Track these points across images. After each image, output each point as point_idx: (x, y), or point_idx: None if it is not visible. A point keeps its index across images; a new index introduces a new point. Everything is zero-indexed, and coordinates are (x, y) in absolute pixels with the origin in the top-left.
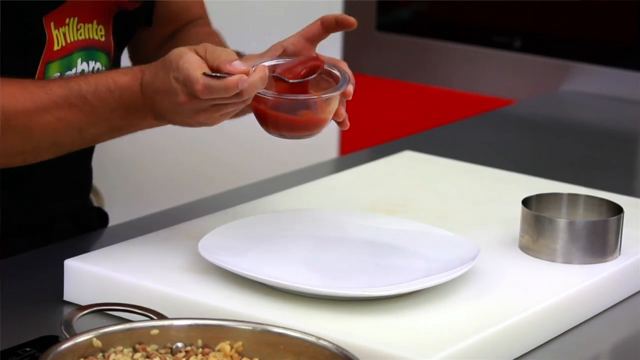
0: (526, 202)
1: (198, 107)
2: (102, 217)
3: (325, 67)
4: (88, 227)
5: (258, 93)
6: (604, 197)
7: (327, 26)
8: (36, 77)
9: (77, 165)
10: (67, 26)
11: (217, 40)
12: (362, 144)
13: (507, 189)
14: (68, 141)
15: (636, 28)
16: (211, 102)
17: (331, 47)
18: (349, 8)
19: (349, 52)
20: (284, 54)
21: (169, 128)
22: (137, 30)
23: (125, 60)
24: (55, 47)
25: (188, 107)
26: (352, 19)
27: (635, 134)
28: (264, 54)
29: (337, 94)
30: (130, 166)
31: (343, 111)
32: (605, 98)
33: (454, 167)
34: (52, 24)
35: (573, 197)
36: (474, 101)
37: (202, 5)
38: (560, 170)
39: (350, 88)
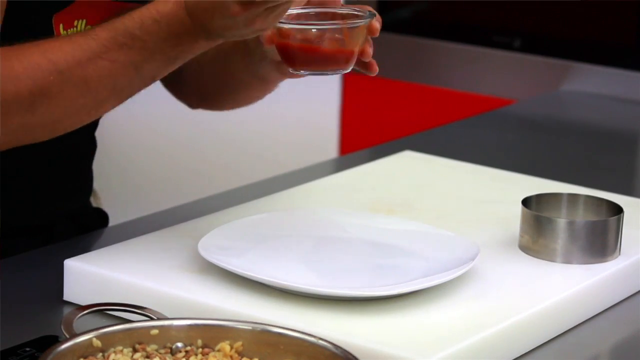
0: (526, 202)
1: (253, 14)
2: (102, 218)
3: (350, 12)
4: (89, 227)
5: (281, 24)
6: (604, 197)
7: None
8: None
9: (79, 166)
10: (75, 28)
11: None
12: (362, 143)
13: (506, 189)
14: (127, 83)
15: (636, 28)
16: (264, 5)
17: None
18: (349, 2)
19: None
20: (310, 3)
21: (167, 128)
22: None
23: None
24: None
25: (243, 17)
26: None
27: (635, 134)
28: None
29: (363, 22)
30: (130, 166)
31: (370, 50)
32: (605, 98)
33: (453, 167)
34: (61, 25)
35: (573, 197)
36: (474, 101)
37: None
38: (560, 170)
39: (377, 24)
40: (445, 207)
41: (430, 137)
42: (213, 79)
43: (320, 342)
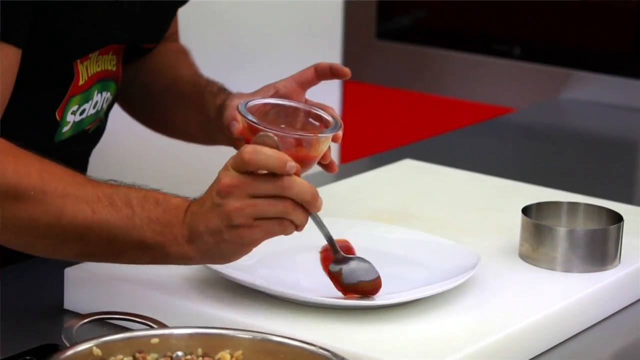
0: (526, 210)
1: (234, 196)
2: None
3: (314, 110)
4: None
5: (257, 125)
6: (604, 206)
7: (321, 73)
8: (58, 110)
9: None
10: (89, 60)
11: (184, 58)
12: (362, 152)
13: (507, 198)
14: (94, 241)
15: (635, 36)
16: (251, 192)
17: (331, 56)
18: (349, 14)
19: (349, 60)
20: (276, 95)
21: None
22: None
23: None
24: (80, 82)
25: (223, 198)
26: (346, 70)
27: (634, 141)
28: (255, 93)
29: (332, 134)
30: (131, 175)
31: (330, 154)
32: (604, 106)
33: (453, 175)
34: (78, 60)
35: (573, 205)
36: (474, 109)
37: (176, 21)
38: (560, 179)
39: (340, 133)
40: (446, 215)
41: (430, 145)
42: (161, 110)
43: (320, 350)
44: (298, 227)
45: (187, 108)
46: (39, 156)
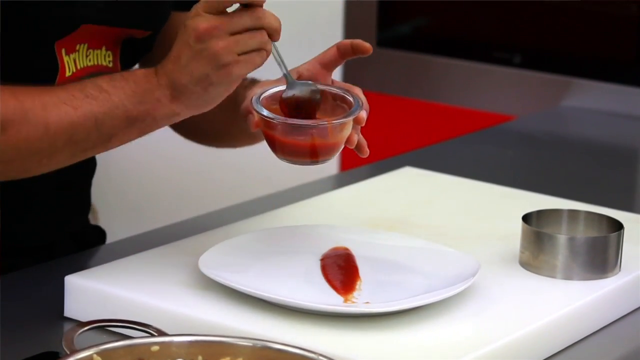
0: (526, 218)
1: (216, 37)
2: (100, 235)
3: (339, 92)
4: (87, 245)
5: (268, 118)
6: (604, 213)
7: (343, 51)
8: None
9: (79, 185)
10: (77, 52)
11: None
12: (362, 160)
13: (507, 205)
14: (84, 135)
15: (636, 44)
16: (231, 29)
17: None
18: (349, 22)
19: (349, 68)
20: (300, 79)
21: (166, 145)
22: (143, 57)
23: None
24: (67, 74)
25: (205, 42)
26: (368, 45)
27: (635, 149)
28: (278, 80)
29: (347, 119)
30: (130, 183)
31: (356, 138)
32: (605, 114)
33: (454, 183)
34: (63, 50)
35: (573, 213)
36: (474, 117)
37: None
38: (560, 186)
39: (364, 114)
40: (446, 223)
41: (430, 153)
42: (207, 124)
43: (321, 358)
44: (266, 55)
45: (221, 110)
46: (7, 85)
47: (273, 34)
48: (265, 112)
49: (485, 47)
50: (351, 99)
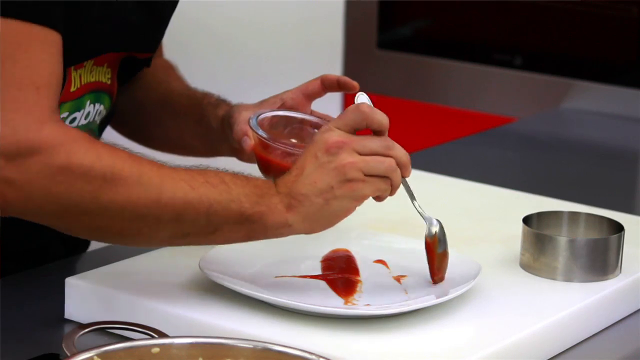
0: (527, 220)
1: (345, 152)
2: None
3: (319, 121)
4: (77, 249)
5: (268, 141)
6: (605, 215)
7: (328, 85)
8: None
9: None
10: (84, 68)
11: (174, 73)
12: None
13: (507, 207)
14: (192, 218)
15: (637, 46)
16: (359, 149)
17: (332, 66)
18: (350, 24)
19: (350, 69)
20: (282, 106)
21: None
22: (139, 72)
23: None
24: (72, 89)
25: (333, 155)
26: (354, 83)
27: (635, 151)
28: (260, 103)
29: None
30: None
31: None
32: (605, 116)
33: (454, 185)
34: (73, 66)
35: (574, 215)
36: (475, 119)
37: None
38: (560, 188)
39: None
40: (447, 225)
41: (430, 155)
42: (156, 125)
43: None
44: (393, 189)
45: (184, 121)
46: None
47: (403, 169)
48: (265, 135)
49: (485, 49)
50: None
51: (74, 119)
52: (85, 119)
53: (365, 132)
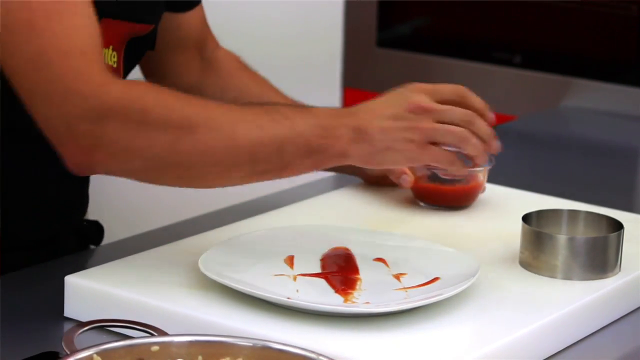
0: (526, 218)
1: (424, 117)
2: (99, 230)
3: None
4: (88, 240)
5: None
6: (604, 214)
7: None
8: None
9: (79, 180)
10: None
11: (261, 80)
12: None
13: (507, 205)
14: (266, 157)
15: (636, 44)
16: (439, 118)
17: (331, 64)
18: (349, 22)
19: (349, 67)
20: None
21: None
22: (144, 55)
23: None
24: None
25: (412, 114)
26: None
27: (635, 150)
28: None
29: (491, 165)
30: (130, 183)
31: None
32: (605, 114)
33: None
34: None
35: (573, 213)
36: None
37: (205, 23)
38: (560, 187)
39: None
40: (445, 223)
41: None
42: None
43: (321, 358)
44: (475, 157)
45: None
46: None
47: (487, 142)
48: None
49: (485, 47)
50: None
51: None
52: None
53: None
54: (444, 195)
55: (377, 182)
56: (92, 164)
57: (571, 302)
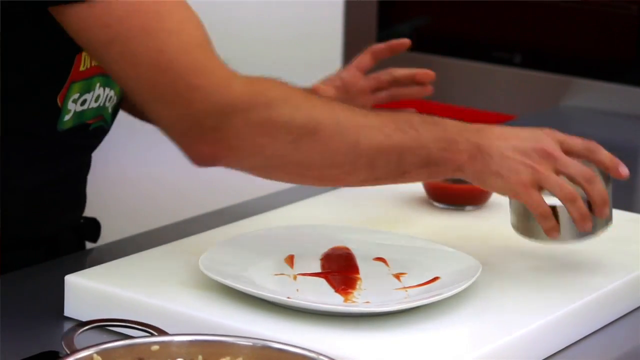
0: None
1: (546, 163)
2: (96, 227)
3: None
4: (85, 237)
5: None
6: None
7: (378, 55)
8: (59, 95)
9: (78, 178)
10: None
11: None
12: None
13: (506, 204)
14: (384, 164)
15: (636, 43)
16: (559, 168)
17: (332, 63)
18: (349, 21)
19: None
20: (342, 82)
21: (169, 143)
22: None
23: None
24: (81, 68)
25: (540, 158)
26: (404, 41)
27: (635, 149)
28: (322, 83)
29: None
30: (130, 183)
31: None
32: (605, 113)
33: None
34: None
35: None
36: (474, 117)
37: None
38: None
39: None
40: (446, 222)
41: None
42: None
43: (321, 357)
44: (575, 220)
45: None
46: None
47: (596, 207)
48: None
49: (485, 46)
50: None
51: (84, 101)
52: (96, 102)
53: None
54: (457, 194)
55: None
56: (216, 158)
57: (571, 302)
